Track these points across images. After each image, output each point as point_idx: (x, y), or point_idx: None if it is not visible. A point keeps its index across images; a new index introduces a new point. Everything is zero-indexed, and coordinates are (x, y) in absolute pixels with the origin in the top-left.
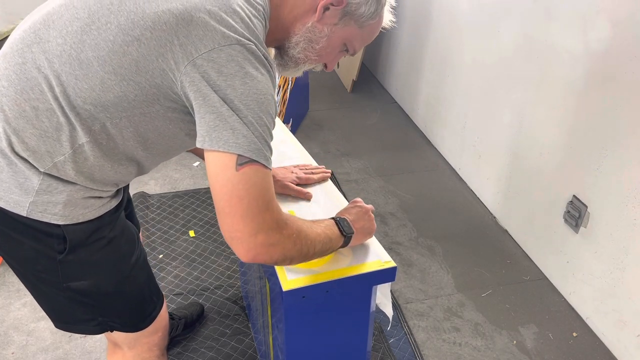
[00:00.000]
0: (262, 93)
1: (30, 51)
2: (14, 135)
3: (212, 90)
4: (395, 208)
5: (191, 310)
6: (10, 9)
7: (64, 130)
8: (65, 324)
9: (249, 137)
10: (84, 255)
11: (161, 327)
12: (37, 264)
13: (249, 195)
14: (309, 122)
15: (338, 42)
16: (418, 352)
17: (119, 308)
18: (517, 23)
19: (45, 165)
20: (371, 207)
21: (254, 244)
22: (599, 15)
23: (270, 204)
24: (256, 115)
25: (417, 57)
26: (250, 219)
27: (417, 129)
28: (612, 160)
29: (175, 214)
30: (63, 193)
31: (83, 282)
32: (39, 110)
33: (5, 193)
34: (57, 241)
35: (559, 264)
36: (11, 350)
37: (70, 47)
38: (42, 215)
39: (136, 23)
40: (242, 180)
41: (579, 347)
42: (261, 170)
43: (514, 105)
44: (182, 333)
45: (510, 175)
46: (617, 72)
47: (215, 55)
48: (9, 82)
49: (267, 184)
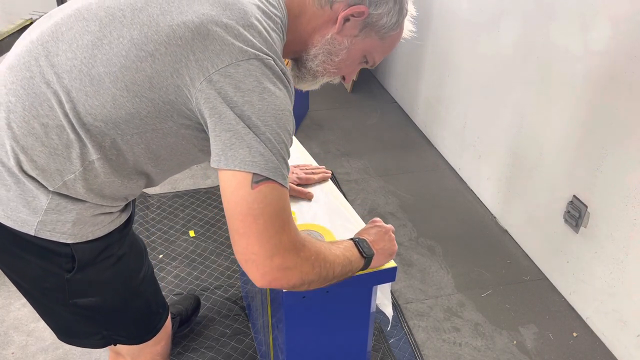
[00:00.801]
0: (280, 109)
1: (38, 65)
2: (23, 154)
3: (229, 107)
4: (395, 208)
5: (186, 304)
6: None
7: (74, 148)
8: (69, 337)
9: (266, 155)
10: (93, 273)
11: (165, 337)
12: (44, 282)
13: (265, 215)
14: (309, 122)
15: (358, 54)
16: (418, 352)
17: (125, 323)
18: (517, 23)
19: (54, 184)
20: (391, 227)
21: (270, 267)
22: (599, 15)
23: (287, 225)
24: (274, 132)
25: (417, 57)
26: (266, 240)
27: (417, 129)
28: (612, 160)
29: (175, 214)
30: (72, 212)
31: (90, 299)
32: (49, 127)
33: (13, 212)
34: (66, 260)
35: (559, 264)
36: (11, 350)
37: (81, 62)
38: (51, 234)
39: (150, 37)
40: (258, 199)
41: (579, 347)
42: (277, 189)
43: (514, 105)
44: (178, 330)
45: (510, 175)
46: (617, 72)
47: (233, 71)
48: (17, 98)
49: (284, 203)
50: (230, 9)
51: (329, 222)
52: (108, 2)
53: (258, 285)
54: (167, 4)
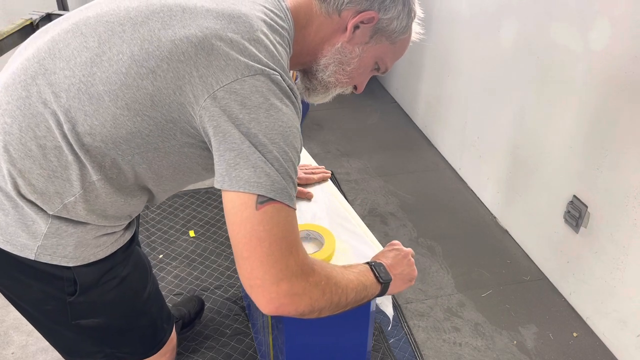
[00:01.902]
0: (287, 126)
1: (35, 84)
2: (20, 178)
3: (234, 125)
4: (395, 208)
5: (189, 307)
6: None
7: (73, 169)
8: (72, 357)
9: (272, 175)
10: (96, 296)
11: (170, 350)
12: (45, 305)
13: (270, 237)
14: (309, 122)
15: (370, 61)
16: (418, 352)
17: (129, 341)
18: (517, 23)
19: (54, 208)
20: (410, 251)
21: (277, 293)
22: (599, 15)
23: (294, 247)
24: (281, 150)
25: (417, 57)
26: (271, 264)
27: (417, 129)
28: (612, 160)
29: (175, 214)
30: (73, 235)
31: (93, 320)
32: (47, 149)
33: (12, 237)
34: (68, 283)
35: (559, 264)
36: (11, 350)
37: (79, 81)
38: (51, 259)
39: (151, 53)
40: (263, 221)
41: (579, 347)
42: (284, 210)
43: (514, 105)
44: (180, 332)
45: (510, 175)
46: (617, 72)
47: (238, 87)
48: (13, 119)
49: (291, 224)
50: (236, 23)
51: (329, 222)
52: (107, 17)
53: (265, 312)
54: (169, 17)
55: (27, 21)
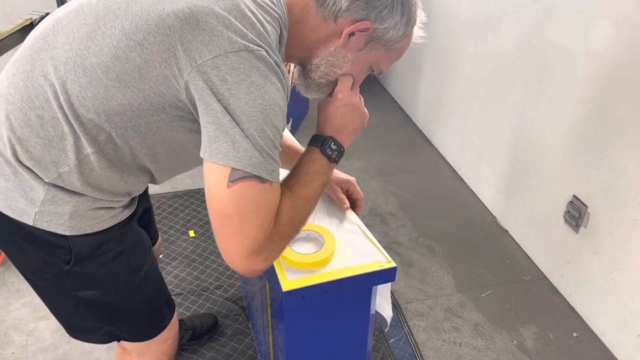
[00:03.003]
0: (268, 104)
1: (39, 58)
2: (19, 145)
3: (216, 99)
4: (395, 208)
5: (203, 321)
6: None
7: (68, 140)
8: (76, 332)
9: (250, 150)
10: (91, 267)
11: (171, 336)
12: (45, 273)
13: (239, 215)
14: (309, 122)
15: (364, 66)
16: (418, 352)
17: (126, 319)
18: (517, 23)
19: (49, 176)
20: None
21: (248, 265)
22: (599, 15)
23: (264, 222)
24: (259, 127)
25: (417, 57)
26: (241, 240)
27: (417, 129)
28: (612, 160)
29: (175, 214)
30: (69, 204)
31: (90, 292)
32: (44, 119)
33: (12, 202)
34: (64, 252)
35: (559, 264)
36: (11, 350)
37: (76, 54)
38: (49, 225)
39: (140, 27)
40: (233, 199)
41: (579, 347)
42: (257, 186)
43: (514, 105)
44: (187, 343)
45: (510, 175)
46: (617, 72)
47: (221, 62)
48: (16, 90)
49: (263, 199)
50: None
51: (329, 222)
52: None
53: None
54: None
55: (27, 21)
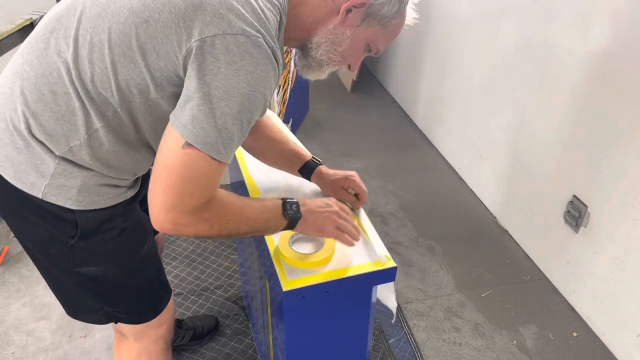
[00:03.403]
0: (251, 90)
1: (52, 37)
2: (32, 118)
3: (199, 75)
4: (395, 208)
5: (204, 322)
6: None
7: (78, 115)
8: (75, 312)
9: (207, 129)
10: (95, 243)
11: (167, 320)
12: (50, 247)
13: (179, 174)
14: (309, 122)
15: (362, 43)
16: (418, 352)
17: (126, 298)
18: (517, 23)
19: (60, 149)
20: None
21: (164, 218)
22: (599, 15)
23: (198, 192)
24: (234, 109)
25: (417, 57)
26: (169, 195)
27: (417, 129)
28: (612, 160)
29: None
30: (78, 178)
31: (92, 269)
32: (57, 94)
33: (23, 174)
34: (70, 226)
35: (559, 263)
36: (11, 350)
37: (86, 32)
38: (57, 199)
39: (147, 5)
40: (182, 160)
41: (579, 347)
42: (206, 159)
43: (514, 105)
44: (188, 344)
45: (510, 175)
46: (617, 72)
47: (218, 42)
48: (31, 67)
49: (206, 173)
50: None
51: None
52: None
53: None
54: None
55: (27, 21)
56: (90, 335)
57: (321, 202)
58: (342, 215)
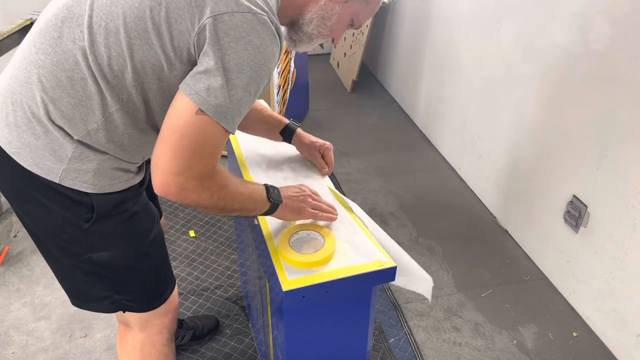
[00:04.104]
0: (259, 63)
1: (65, 26)
2: (51, 104)
3: (214, 49)
4: (395, 208)
5: (204, 322)
6: (10, 9)
7: (95, 99)
8: (81, 301)
9: (220, 98)
10: (108, 226)
11: (172, 310)
12: (63, 233)
13: (191, 138)
14: (309, 122)
15: (347, 17)
16: (418, 352)
17: (134, 284)
18: (517, 23)
19: (79, 133)
20: (310, 195)
21: (171, 181)
22: (599, 15)
23: (206, 157)
24: (244, 81)
25: (417, 57)
26: (179, 157)
27: (417, 129)
28: (612, 160)
29: (175, 214)
30: (94, 161)
31: (104, 254)
32: (74, 80)
33: (41, 160)
34: (85, 209)
35: (559, 264)
36: (11, 350)
37: (100, 18)
38: (73, 183)
39: None
40: (195, 125)
41: (579, 347)
42: (216, 127)
43: (514, 105)
44: (188, 344)
45: (510, 175)
46: (617, 72)
47: (227, 19)
48: (46, 55)
49: (215, 140)
50: None
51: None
52: None
53: (155, 192)
54: None
55: (27, 21)
56: (91, 335)
57: (295, 188)
58: (315, 197)
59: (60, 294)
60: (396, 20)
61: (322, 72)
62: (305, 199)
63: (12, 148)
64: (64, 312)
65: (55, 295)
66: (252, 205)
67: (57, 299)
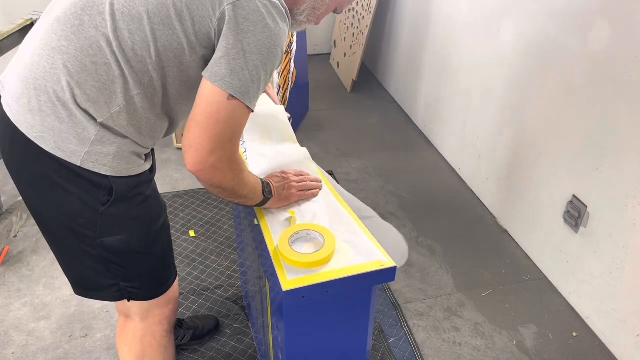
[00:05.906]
0: (274, 44)
1: (86, 14)
2: (77, 88)
3: (234, 33)
4: (395, 208)
5: (204, 322)
6: (10, 9)
7: (118, 83)
8: (86, 290)
9: (243, 79)
10: (123, 209)
11: (172, 300)
12: (79, 217)
13: (226, 123)
14: (309, 122)
15: (333, 6)
16: (418, 352)
17: (142, 270)
18: (517, 23)
19: (103, 116)
20: (292, 180)
21: (206, 160)
22: (599, 15)
23: (235, 139)
24: (263, 61)
25: (417, 57)
26: (216, 140)
27: (417, 129)
28: (612, 160)
29: (175, 214)
30: (114, 145)
31: (117, 238)
32: (98, 65)
33: (64, 143)
34: (103, 192)
35: (559, 263)
36: (11, 350)
37: (122, 6)
38: (94, 166)
39: None
40: (228, 109)
41: (579, 347)
42: (243, 108)
43: (514, 105)
44: (188, 344)
45: (510, 175)
46: (617, 72)
47: (245, 4)
48: (69, 42)
49: (243, 121)
50: None
51: (329, 222)
52: None
53: (188, 170)
54: None
55: (27, 21)
56: (91, 335)
57: (277, 178)
58: (298, 178)
59: (60, 293)
60: (396, 20)
61: (322, 72)
62: (290, 183)
63: (35, 132)
64: (64, 312)
65: (56, 295)
66: (252, 195)
67: (57, 299)
